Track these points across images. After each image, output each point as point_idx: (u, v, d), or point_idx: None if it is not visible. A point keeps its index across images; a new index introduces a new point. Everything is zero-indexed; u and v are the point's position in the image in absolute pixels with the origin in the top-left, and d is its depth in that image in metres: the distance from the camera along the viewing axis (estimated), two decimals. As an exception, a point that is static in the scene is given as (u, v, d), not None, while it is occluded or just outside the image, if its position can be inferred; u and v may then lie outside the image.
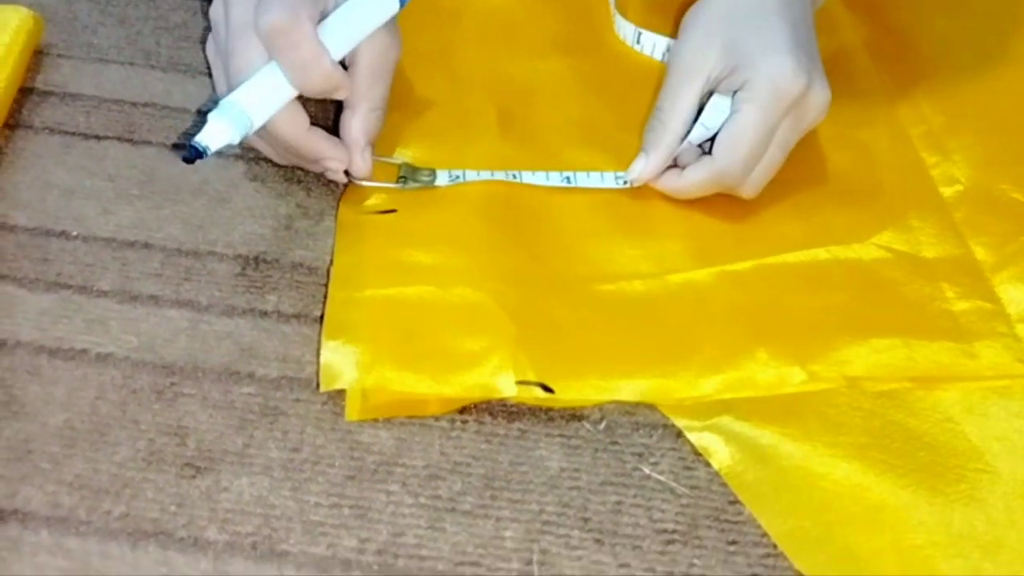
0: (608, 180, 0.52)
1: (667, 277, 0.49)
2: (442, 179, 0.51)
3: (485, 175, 0.51)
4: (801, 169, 0.53)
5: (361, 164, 0.49)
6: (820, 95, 0.49)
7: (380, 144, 0.51)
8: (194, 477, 0.40)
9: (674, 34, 0.54)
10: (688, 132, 0.50)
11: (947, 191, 0.54)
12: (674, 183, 0.51)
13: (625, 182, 0.51)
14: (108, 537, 0.38)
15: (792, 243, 0.51)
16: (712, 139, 0.49)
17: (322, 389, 0.42)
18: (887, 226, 0.52)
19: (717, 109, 0.49)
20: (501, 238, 0.49)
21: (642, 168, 0.50)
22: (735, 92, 0.49)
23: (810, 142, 0.53)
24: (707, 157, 0.49)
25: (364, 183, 0.50)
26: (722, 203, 0.51)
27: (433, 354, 0.43)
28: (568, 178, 0.52)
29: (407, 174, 0.51)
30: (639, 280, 0.48)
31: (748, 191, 0.50)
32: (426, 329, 0.44)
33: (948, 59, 0.62)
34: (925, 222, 0.52)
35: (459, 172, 0.51)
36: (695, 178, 0.50)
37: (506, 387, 0.42)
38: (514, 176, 0.51)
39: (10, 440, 0.40)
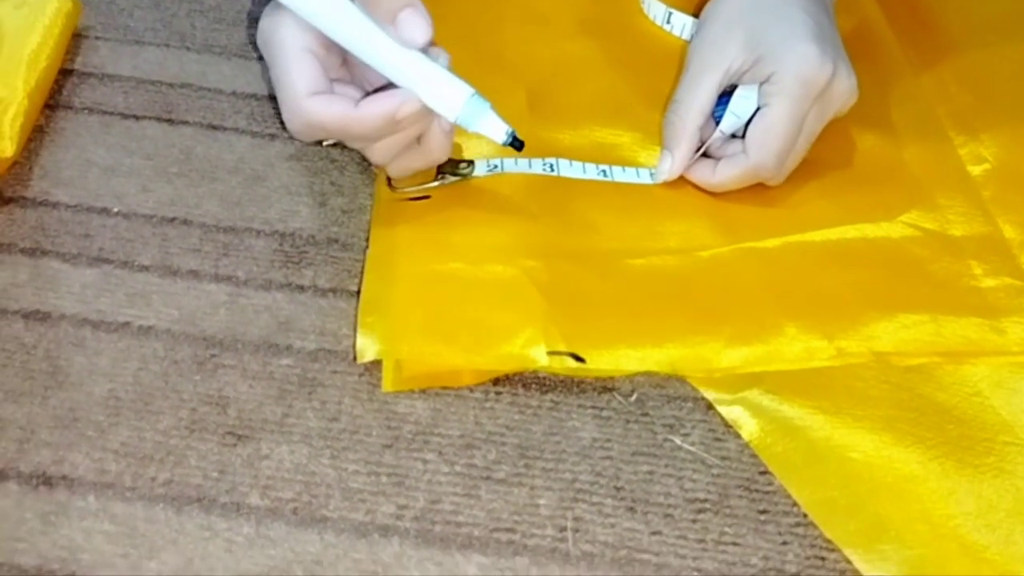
0: (644, 176, 0.52)
1: (697, 253, 0.49)
2: (480, 169, 0.51)
3: (523, 164, 0.51)
4: (828, 149, 0.53)
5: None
6: (846, 82, 0.49)
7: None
8: (235, 445, 0.41)
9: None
10: (705, 124, 0.50)
11: (975, 170, 0.54)
12: (709, 178, 0.51)
13: (655, 180, 0.52)
14: (153, 502, 0.39)
15: (820, 221, 0.51)
16: (745, 127, 0.50)
17: (358, 360, 0.43)
18: (915, 204, 0.52)
19: (746, 98, 0.50)
20: (533, 217, 0.50)
21: (669, 168, 0.51)
22: (761, 84, 0.49)
23: (837, 122, 0.53)
24: (741, 154, 0.50)
25: (407, 189, 0.50)
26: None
27: (466, 327, 0.44)
28: (604, 171, 0.52)
29: (445, 168, 0.51)
30: (669, 255, 0.49)
31: (776, 180, 0.51)
32: (459, 303, 0.45)
33: (974, 38, 0.62)
34: (953, 200, 0.53)
35: (497, 161, 0.51)
36: (730, 174, 0.50)
37: (538, 357, 0.43)
38: (551, 167, 0.52)
39: (56, 409, 0.42)
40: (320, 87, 0.43)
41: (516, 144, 0.46)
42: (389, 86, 0.44)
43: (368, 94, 0.45)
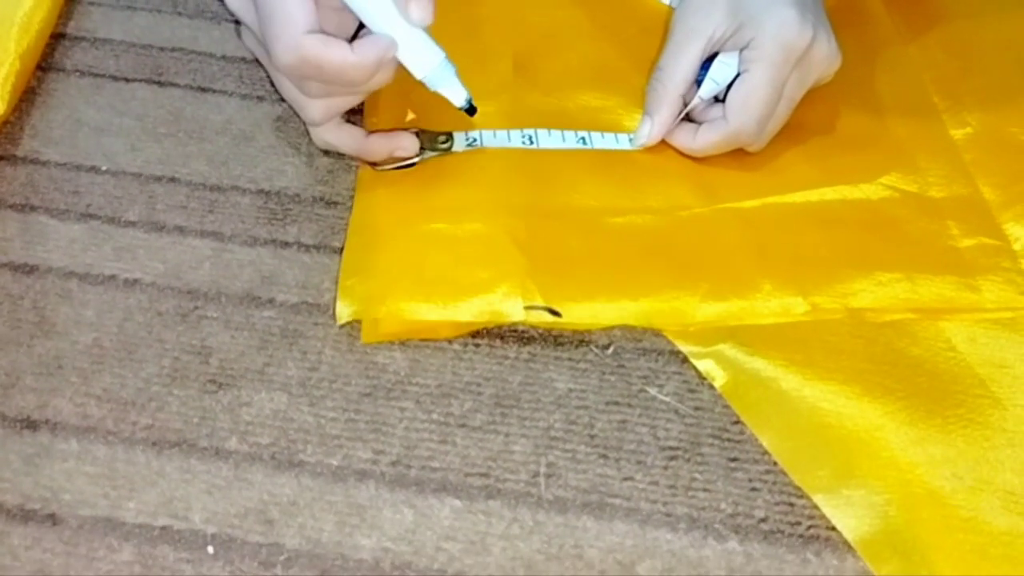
0: (623, 142, 0.53)
1: (677, 213, 0.50)
2: (459, 143, 0.51)
3: (502, 136, 0.52)
4: (812, 113, 0.54)
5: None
6: (826, 47, 0.49)
7: (395, 94, 0.52)
8: (216, 392, 0.42)
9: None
10: (688, 91, 0.51)
11: (958, 134, 0.55)
12: (689, 143, 0.51)
13: (635, 145, 0.52)
14: (134, 445, 0.40)
15: (801, 183, 0.51)
16: (726, 92, 0.50)
17: (338, 323, 0.44)
18: (895, 167, 0.53)
19: (726, 64, 0.50)
20: (513, 178, 0.50)
21: (648, 132, 0.51)
22: (741, 50, 0.49)
23: (822, 87, 0.54)
24: (721, 120, 0.50)
25: (387, 167, 0.50)
26: (732, 143, 0.52)
27: (444, 283, 0.45)
28: (584, 139, 0.53)
29: (424, 143, 0.51)
30: (649, 215, 0.50)
31: (757, 146, 0.51)
32: (438, 261, 0.46)
33: (961, 6, 0.62)
34: (934, 163, 0.53)
35: (476, 134, 0.52)
36: (710, 139, 0.51)
37: (514, 312, 0.44)
38: (530, 139, 0.52)
39: (42, 356, 0.42)
40: (316, 27, 0.43)
41: (471, 110, 0.47)
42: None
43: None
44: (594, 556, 0.39)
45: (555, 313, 0.44)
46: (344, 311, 0.44)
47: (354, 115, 0.52)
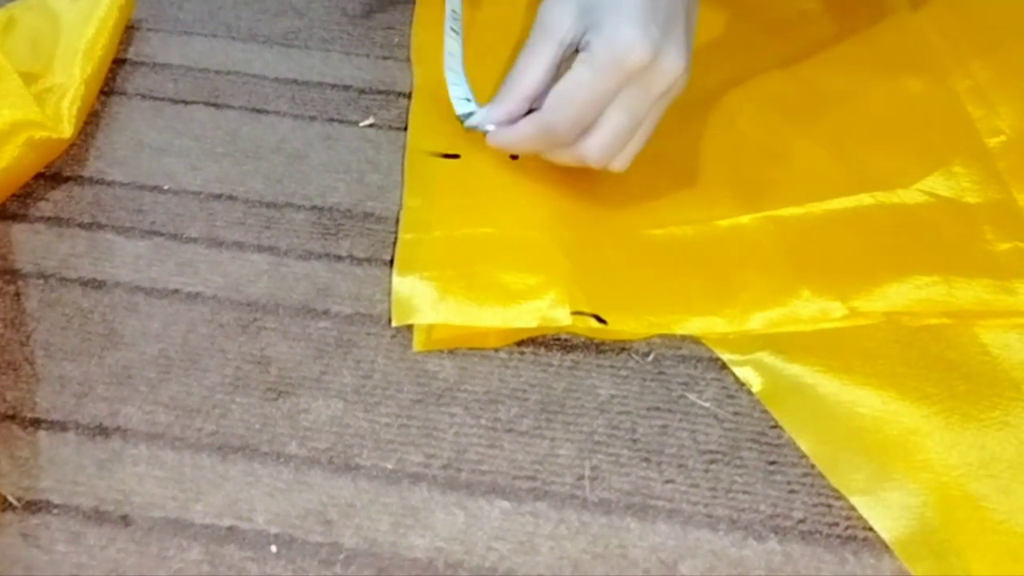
0: (461, 105, 0.52)
1: (715, 222, 0.51)
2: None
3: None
4: (847, 119, 0.55)
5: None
6: (671, 67, 0.46)
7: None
8: (276, 399, 0.44)
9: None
10: (541, 96, 0.48)
11: (992, 141, 0.56)
12: (503, 136, 0.49)
13: (466, 125, 0.51)
14: (199, 451, 0.42)
15: (837, 189, 0.53)
16: None
17: (394, 323, 0.46)
18: (931, 172, 0.54)
19: None
20: (557, 185, 0.52)
21: (480, 117, 0.50)
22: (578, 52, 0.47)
23: (858, 93, 0.55)
24: (536, 112, 0.48)
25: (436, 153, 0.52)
26: (767, 152, 0.54)
27: (494, 289, 0.47)
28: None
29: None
30: (688, 225, 0.51)
31: (594, 160, 0.48)
32: (488, 267, 0.48)
33: (996, 16, 0.63)
34: (969, 169, 0.54)
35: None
36: (523, 130, 0.48)
37: (561, 317, 0.46)
38: None
39: (112, 367, 0.45)
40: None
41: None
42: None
43: None
44: (638, 555, 0.40)
45: (601, 320, 0.46)
46: (401, 313, 0.46)
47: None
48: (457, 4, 0.56)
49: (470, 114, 0.50)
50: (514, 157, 0.52)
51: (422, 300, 0.46)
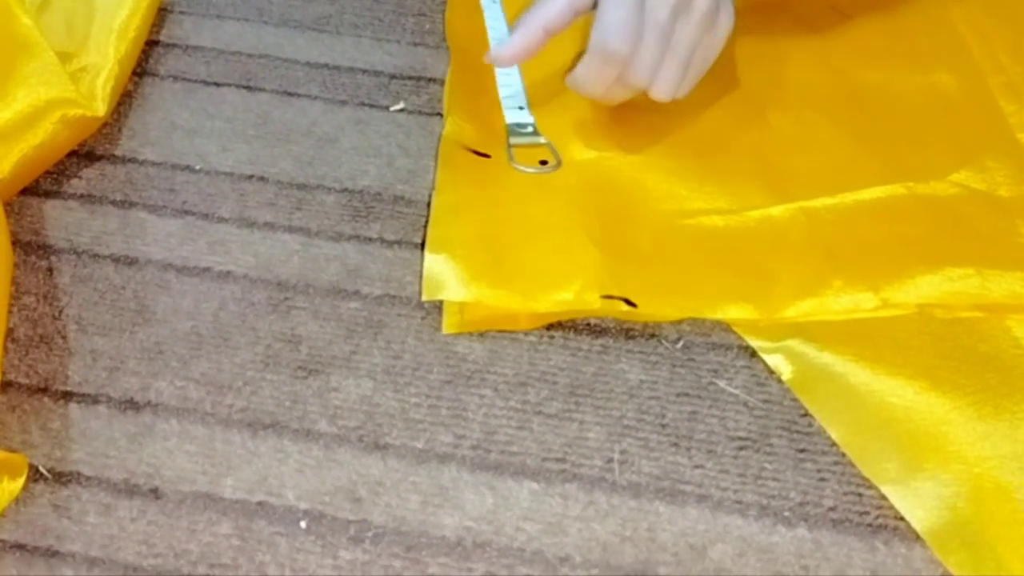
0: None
1: (746, 213, 0.51)
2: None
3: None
4: (879, 113, 0.55)
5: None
6: None
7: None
8: (306, 378, 0.44)
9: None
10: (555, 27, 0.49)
11: (1024, 137, 0.55)
12: (571, 78, 0.50)
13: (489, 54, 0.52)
14: (230, 426, 0.42)
15: (869, 180, 0.52)
16: None
17: (424, 298, 0.46)
18: (964, 165, 0.53)
19: None
20: (588, 176, 0.52)
21: (499, 50, 0.51)
22: None
23: (890, 88, 0.55)
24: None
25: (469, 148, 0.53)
26: (798, 143, 0.54)
27: (525, 272, 0.47)
28: None
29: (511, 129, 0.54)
30: (719, 216, 0.51)
31: (657, 88, 0.49)
32: (519, 251, 0.48)
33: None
34: (1001, 163, 0.54)
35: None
36: (585, 62, 0.49)
37: (591, 300, 0.46)
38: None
39: (144, 343, 0.45)
40: None
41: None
42: None
43: None
44: (667, 539, 0.40)
45: (631, 304, 0.46)
46: (431, 289, 0.46)
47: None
48: None
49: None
50: (543, 163, 0.52)
51: (452, 278, 0.46)
